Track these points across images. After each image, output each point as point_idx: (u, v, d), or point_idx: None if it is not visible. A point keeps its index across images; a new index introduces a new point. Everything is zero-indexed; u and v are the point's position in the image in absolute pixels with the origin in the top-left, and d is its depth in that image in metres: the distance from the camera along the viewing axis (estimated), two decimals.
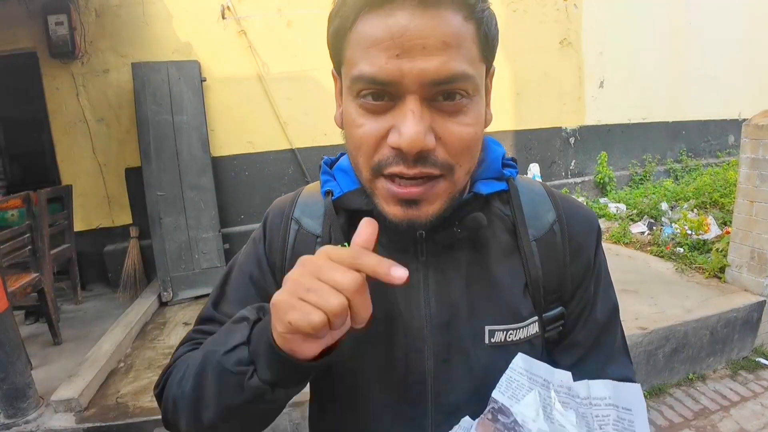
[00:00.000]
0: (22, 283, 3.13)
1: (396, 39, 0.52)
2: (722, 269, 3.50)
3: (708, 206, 4.92)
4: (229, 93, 4.55)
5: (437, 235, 0.66)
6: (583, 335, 0.74)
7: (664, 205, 5.07)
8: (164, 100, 4.07)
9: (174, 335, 3.39)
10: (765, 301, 3.17)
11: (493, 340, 0.67)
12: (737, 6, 6.45)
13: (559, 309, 0.72)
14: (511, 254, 0.70)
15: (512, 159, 0.75)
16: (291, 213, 0.74)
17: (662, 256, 4.11)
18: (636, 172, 6.21)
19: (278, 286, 0.67)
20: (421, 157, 0.55)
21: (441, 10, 0.52)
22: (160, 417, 1.95)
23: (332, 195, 0.70)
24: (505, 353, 0.66)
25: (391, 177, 0.57)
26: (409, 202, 0.58)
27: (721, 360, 3.11)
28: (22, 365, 2.43)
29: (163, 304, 3.99)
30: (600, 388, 0.57)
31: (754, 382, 2.95)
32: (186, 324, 3.57)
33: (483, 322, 0.67)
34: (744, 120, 3.39)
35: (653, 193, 5.54)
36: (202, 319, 0.77)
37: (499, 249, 0.70)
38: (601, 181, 5.90)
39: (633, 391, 0.55)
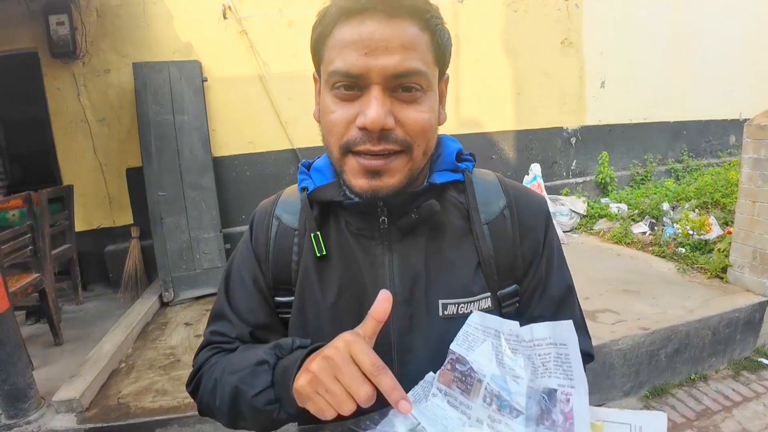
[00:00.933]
0: (23, 284, 3.13)
1: (365, 41, 0.64)
2: (724, 269, 3.50)
3: (709, 206, 4.92)
4: (230, 93, 4.55)
5: (398, 222, 0.76)
6: (539, 311, 0.81)
7: (665, 205, 5.06)
8: (165, 100, 4.07)
9: (175, 335, 3.38)
10: (767, 301, 3.16)
11: (446, 313, 0.76)
12: (738, 6, 6.44)
13: (514, 287, 0.81)
14: (464, 237, 0.79)
15: (470, 154, 0.85)
16: (273, 211, 0.85)
17: (664, 257, 4.11)
18: (637, 172, 6.20)
19: (264, 276, 0.82)
20: (383, 135, 0.66)
21: (401, 20, 0.65)
22: (161, 417, 2.02)
23: (308, 191, 0.80)
24: (457, 324, 0.73)
25: (359, 153, 0.67)
26: (373, 174, 0.68)
27: (723, 360, 3.10)
28: (23, 366, 2.43)
29: (164, 305, 3.99)
30: (541, 329, 0.63)
31: (756, 382, 2.94)
32: (187, 324, 3.56)
33: (437, 296, 0.76)
34: (745, 120, 3.39)
35: (654, 193, 5.53)
36: (215, 316, 0.87)
37: (453, 233, 0.79)
38: (603, 181, 5.89)
39: (566, 328, 0.61)
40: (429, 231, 0.78)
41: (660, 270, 3.86)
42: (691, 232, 4.16)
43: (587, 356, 0.83)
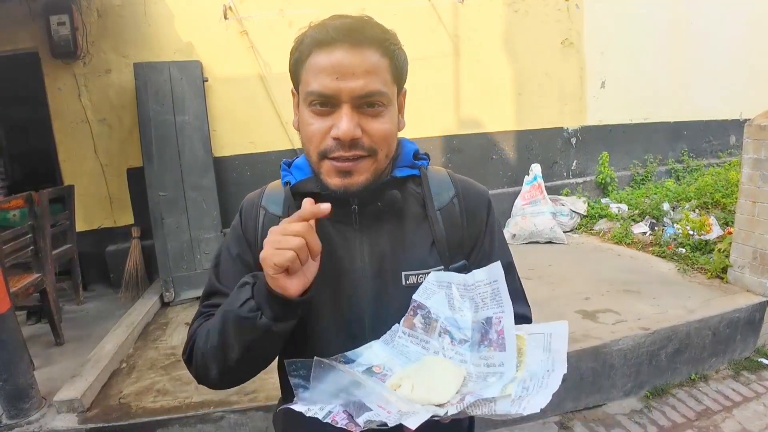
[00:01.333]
0: (25, 284, 3.13)
1: (335, 67, 0.79)
2: (724, 270, 3.50)
3: (710, 206, 4.92)
4: (230, 93, 4.56)
5: (366, 209, 0.91)
6: None
7: (665, 206, 5.07)
8: (166, 100, 4.07)
9: (176, 335, 3.39)
10: (767, 301, 3.16)
11: (408, 282, 0.91)
12: (739, 6, 6.44)
13: (462, 262, 0.95)
14: (422, 221, 0.95)
15: (425, 154, 1.01)
16: (259, 202, 0.99)
17: (664, 257, 4.11)
18: (637, 173, 6.20)
19: (255, 257, 0.92)
20: (353, 144, 0.81)
21: (364, 49, 0.79)
22: (162, 417, 2.07)
23: (290, 185, 0.95)
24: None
25: (333, 158, 0.83)
26: (345, 174, 0.84)
27: (723, 360, 3.11)
28: (24, 366, 2.43)
29: (165, 305, 3.99)
30: (479, 273, 0.82)
31: (756, 382, 2.95)
32: (188, 324, 3.56)
33: (401, 269, 0.91)
34: (746, 120, 3.39)
35: (655, 194, 5.53)
36: (206, 295, 0.99)
37: (412, 218, 0.94)
38: (603, 181, 5.89)
39: (497, 268, 0.80)
40: (392, 216, 0.93)
41: (660, 270, 3.86)
42: (691, 232, 4.16)
43: (525, 319, 0.97)
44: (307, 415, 0.71)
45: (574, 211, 5.27)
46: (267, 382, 2.48)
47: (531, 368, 0.73)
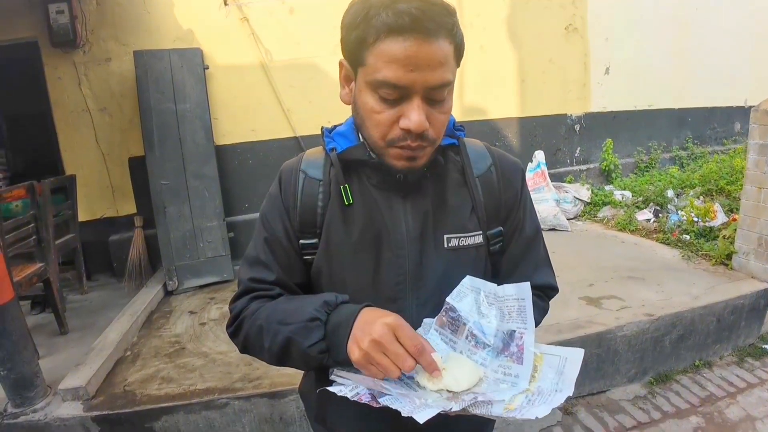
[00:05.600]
0: (28, 273, 3.14)
1: (410, 58, 0.76)
2: (729, 256, 3.48)
3: (714, 193, 4.89)
4: (232, 81, 4.53)
5: (411, 176, 0.92)
6: (516, 247, 1.03)
7: (670, 193, 5.04)
8: (167, 88, 4.04)
9: (180, 324, 3.39)
10: None
11: (449, 245, 0.95)
12: None
13: (499, 229, 1.00)
14: (461, 187, 0.98)
15: (461, 125, 1.03)
16: (299, 167, 1.00)
17: (668, 244, 4.09)
18: (642, 160, 6.16)
19: (291, 222, 0.97)
20: (420, 135, 0.83)
21: (437, 39, 0.77)
22: (167, 405, 2.09)
23: (336, 150, 0.95)
24: (458, 255, 0.95)
25: (400, 147, 0.85)
26: (410, 159, 0.87)
27: (727, 347, 3.10)
28: (29, 355, 2.44)
29: (168, 293, 4.00)
30: (509, 288, 0.86)
31: (760, 369, 2.94)
32: (192, 312, 3.58)
33: (442, 232, 0.95)
34: (750, 107, 3.34)
35: (659, 181, 5.50)
36: (250, 266, 1.01)
37: (453, 184, 0.98)
38: (607, 168, 5.86)
39: (526, 287, 0.84)
40: (434, 182, 0.96)
41: (664, 257, 3.84)
42: (695, 219, 4.14)
43: (551, 289, 1.07)
44: (339, 395, 0.78)
45: (577, 198, 5.24)
46: (271, 369, 2.49)
47: (540, 385, 0.79)
